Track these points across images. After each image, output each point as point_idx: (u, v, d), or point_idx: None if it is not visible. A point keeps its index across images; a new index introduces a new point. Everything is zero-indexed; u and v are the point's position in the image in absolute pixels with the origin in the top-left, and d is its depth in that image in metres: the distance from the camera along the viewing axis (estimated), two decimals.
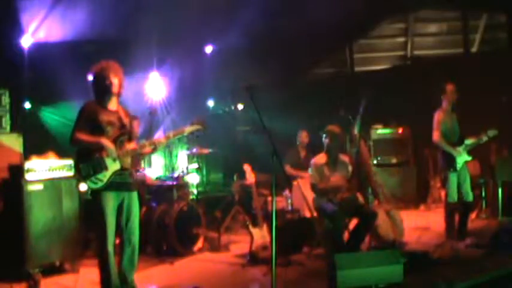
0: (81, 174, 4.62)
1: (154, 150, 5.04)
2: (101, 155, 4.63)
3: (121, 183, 4.72)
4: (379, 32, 11.95)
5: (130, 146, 4.84)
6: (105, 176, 4.62)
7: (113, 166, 4.67)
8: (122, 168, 4.72)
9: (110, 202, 4.65)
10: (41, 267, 5.44)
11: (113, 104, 4.83)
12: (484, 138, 6.66)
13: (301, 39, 10.19)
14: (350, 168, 6.30)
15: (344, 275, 4.68)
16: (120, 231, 4.75)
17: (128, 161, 4.80)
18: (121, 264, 4.75)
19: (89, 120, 4.67)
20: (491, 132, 6.63)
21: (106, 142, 4.62)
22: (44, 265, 5.51)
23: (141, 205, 6.52)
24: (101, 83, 4.75)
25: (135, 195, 4.86)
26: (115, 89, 4.77)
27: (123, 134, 4.81)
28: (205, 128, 5.11)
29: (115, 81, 4.75)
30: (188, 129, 5.04)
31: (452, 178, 6.60)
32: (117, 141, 4.72)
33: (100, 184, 4.60)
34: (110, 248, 4.61)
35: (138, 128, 6.91)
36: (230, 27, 9.06)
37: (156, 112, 6.71)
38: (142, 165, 6.96)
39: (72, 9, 7.69)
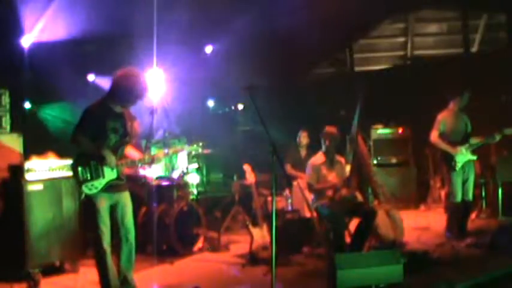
0: (78, 178, 4.61)
1: (151, 164, 5.05)
2: (99, 163, 4.62)
3: (113, 186, 4.72)
4: (379, 32, 11.92)
5: (130, 157, 4.84)
6: (100, 184, 4.63)
7: (110, 175, 4.68)
8: (118, 178, 4.73)
9: (104, 202, 4.66)
10: (41, 267, 5.43)
11: (119, 107, 4.81)
12: (497, 137, 6.62)
13: (301, 39, 10.18)
14: (347, 168, 6.32)
15: (344, 275, 4.69)
16: (116, 231, 4.75)
17: (124, 169, 4.82)
18: (119, 264, 4.75)
19: (94, 125, 4.63)
20: (509, 131, 6.56)
21: (106, 154, 4.60)
22: (44, 265, 5.51)
23: (141, 205, 6.51)
24: (134, 96, 4.72)
25: (127, 194, 4.86)
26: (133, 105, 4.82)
27: (125, 142, 4.82)
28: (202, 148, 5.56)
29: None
30: (187, 148, 5.33)
31: (456, 178, 6.60)
32: (118, 151, 4.72)
33: (94, 191, 4.61)
34: (106, 247, 4.62)
35: (138, 129, 6.91)
36: (230, 27, 9.06)
37: (157, 112, 6.69)
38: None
39: (72, 8, 7.69)
